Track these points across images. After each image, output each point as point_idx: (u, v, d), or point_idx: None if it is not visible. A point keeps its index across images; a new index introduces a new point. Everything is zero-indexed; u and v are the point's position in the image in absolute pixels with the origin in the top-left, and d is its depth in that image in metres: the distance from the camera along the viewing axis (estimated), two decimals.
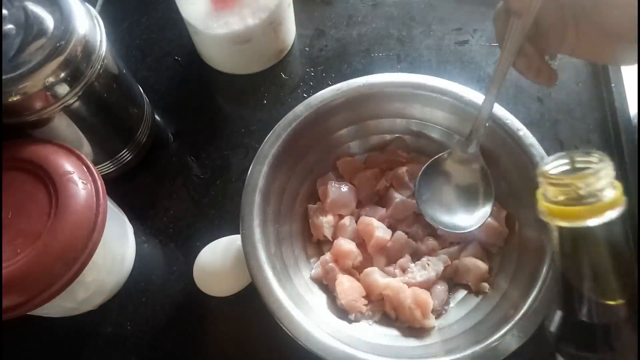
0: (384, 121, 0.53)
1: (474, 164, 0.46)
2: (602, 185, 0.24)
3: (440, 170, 0.47)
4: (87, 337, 0.50)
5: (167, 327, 0.50)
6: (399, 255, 0.49)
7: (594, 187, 0.24)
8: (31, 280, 0.38)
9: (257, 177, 0.46)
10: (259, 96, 0.62)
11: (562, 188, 0.25)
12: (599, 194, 0.24)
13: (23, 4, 0.42)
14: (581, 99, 0.60)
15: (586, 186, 0.24)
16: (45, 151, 0.43)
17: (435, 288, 0.47)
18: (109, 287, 0.50)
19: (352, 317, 0.46)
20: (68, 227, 0.40)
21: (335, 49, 0.65)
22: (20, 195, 0.41)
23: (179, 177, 0.57)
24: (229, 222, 0.54)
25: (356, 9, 0.67)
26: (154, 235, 0.54)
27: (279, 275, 0.43)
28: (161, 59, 0.65)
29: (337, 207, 0.50)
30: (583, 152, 0.26)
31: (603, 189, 0.24)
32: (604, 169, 0.24)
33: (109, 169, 0.54)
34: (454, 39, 0.65)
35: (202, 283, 0.49)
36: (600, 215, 0.24)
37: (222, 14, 0.55)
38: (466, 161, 0.46)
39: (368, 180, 0.52)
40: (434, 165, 0.47)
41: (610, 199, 0.24)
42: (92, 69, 0.44)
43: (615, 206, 0.24)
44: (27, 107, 0.42)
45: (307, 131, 0.49)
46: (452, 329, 0.45)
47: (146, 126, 0.56)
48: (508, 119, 0.47)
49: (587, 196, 0.24)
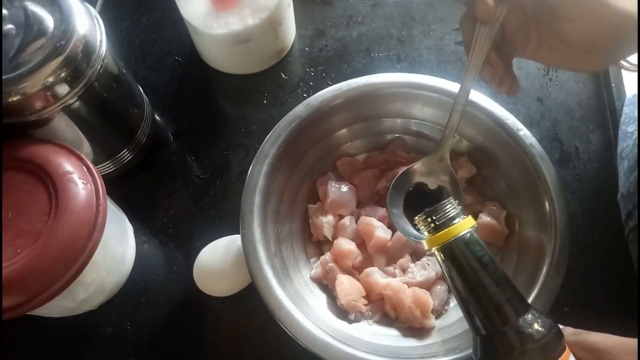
0: (384, 121, 0.53)
1: (442, 176, 0.46)
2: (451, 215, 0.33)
3: (410, 182, 0.47)
4: (87, 337, 0.50)
5: (167, 327, 0.50)
6: (399, 255, 0.49)
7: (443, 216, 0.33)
8: (31, 280, 0.38)
9: (257, 177, 0.46)
10: (259, 96, 0.62)
11: (423, 224, 0.34)
12: (450, 222, 0.32)
13: (23, 4, 0.42)
14: (581, 99, 0.60)
15: (437, 216, 0.33)
16: (45, 151, 0.43)
17: (435, 288, 0.47)
18: (109, 287, 0.50)
19: (352, 317, 0.46)
20: (68, 227, 0.40)
21: (335, 49, 0.65)
22: (20, 195, 0.41)
23: (179, 177, 0.57)
24: (229, 222, 0.54)
25: (356, 9, 0.67)
26: (154, 235, 0.54)
27: (279, 275, 0.43)
28: (161, 59, 0.65)
29: (337, 207, 0.50)
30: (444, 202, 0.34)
31: (453, 218, 0.32)
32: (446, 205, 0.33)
33: (109, 169, 0.54)
34: (454, 39, 0.65)
35: (202, 283, 0.49)
36: (454, 235, 0.32)
37: (222, 14, 0.55)
38: (435, 173, 0.46)
39: (368, 180, 0.52)
40: (404, 178, 0.47)
41: (458, 224, 0.32)
42: (92, 69, 0.44)
43: (463, 228, 0.32)
44: (27, 107, 0.42)
45: (307, 131, 0.49)
46: (452, 329, 0.45)
47: (146, 126, 0.56)
48: (508, 119, 0.47)
49: (441, 226, 0.33)
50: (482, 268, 0.32)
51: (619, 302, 0.49)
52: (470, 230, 0.33)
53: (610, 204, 0.53)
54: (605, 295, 0.50)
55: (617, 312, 0.48)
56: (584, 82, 0.61)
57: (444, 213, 0.33)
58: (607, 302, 0.50)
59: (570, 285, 0.43)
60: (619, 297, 0.49)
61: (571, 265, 0.43)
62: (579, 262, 0.51)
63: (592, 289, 0.50)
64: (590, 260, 0.51)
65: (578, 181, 0.56)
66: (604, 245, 0.52)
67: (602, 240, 0.52)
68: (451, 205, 0.33)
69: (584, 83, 0.61)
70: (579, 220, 0.53)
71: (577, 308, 0.49)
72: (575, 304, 0.49)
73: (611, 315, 0.48)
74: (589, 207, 0.54)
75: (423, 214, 0.34)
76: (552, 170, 0.45)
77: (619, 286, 0.50)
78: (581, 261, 0.51)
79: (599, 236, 0.53)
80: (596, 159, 0.57)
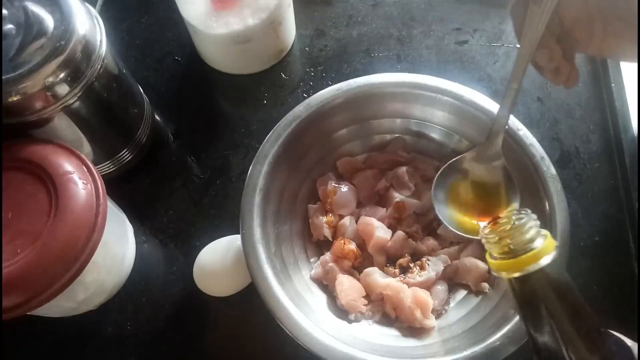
0: (384, 121, 0.53)
1: (496, 162, 0.42)
2: (530, 237, 0.27)
3: (459, 169, 0.43)
4: (87, 337, 0.50)
5: (167, 327, 0.50)
6: (399, 255, 0.49)
7: (521, 240, 0.27)
8: (31, 280, 0.38)
9: (257, 177, 0.46)
10: (259, 96, 0.62)
11: (495, 245, 0.28)
12: (528, 245, 0.27)
13: (23, 4, 0.42)
14: (581, 99, 0.60)
15: (514, 240, 0.27)
16: (45, 151, 0.43)
17: (435, 288, 0.47)
18: (109, 287, 0.50)
19: (352, 317, 0.46)
20: (68, 227, 0.40)
21: (335, 49, 0.65)
22: (20, 195, 0.41)
23: (179, 177, 0.57)
24: (229, 222, 0.54)
25: (356, 9, 0.67)
26: (154, 235, 0.54)
27: (278, 275, 0.43)
28: (161, 59, 0.65)
29: (337, 207, 0.50)
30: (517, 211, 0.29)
31: (532, 240, 0.27)
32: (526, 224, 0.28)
33: (109, 169, 0.54)
34: (454, 39, 0.65)
35: (202, 283, 0.49)
36: (533, 263, 0.27)
37: (222, 14, 0.55)
38: (488, 159, 0.42)
39: (368, 180, 0.52)
40: (451, 169, 0.44)
41: (539, 248, 0.27)
42: (92, 69, 0.44)
43: (544, 253, 0.27)
44: (27, 107, 0.42)
45: (307, 131, 0.49)
46: (452, 329, 0.45)
47: (146, 126, 0.56)
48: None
49: (518, 249, 0.27)
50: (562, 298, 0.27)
51: (619, 302, 0.49)
52: (554, 254, 0.27)
53: (610, 204, 0.53)
54: (605, 295, 0.50)
55: (617, 312, 0.48)
56: (584, 82, 0.61)
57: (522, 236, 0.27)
58: (607, 302, 0.50)
59: None
60: (619, 297, 0.49)
61: (571, 266, 0.43)
62: (579, 262, 0.51)
63: (592, 289, 0.50)
64: (590, 260, 0.51)
65: (578, 181, 0.56)
66: (604, 245, 0.52)
67: (602, 240, 0.52)
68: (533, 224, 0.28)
69: (584, 83, 0.61)
70: (579, 220, 0.53)
71: None
72: None
73: (611, 315, 0.48)
74: (589, 207, 0.54)
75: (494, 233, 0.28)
76: (552, 170, 0.45)
77: (619, 286, 0.50)
78: (581, 261, 0.51)
79: (599, 236, 0.53)
80: (596, 159, 0.57)
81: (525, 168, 0.46)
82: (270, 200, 0.47)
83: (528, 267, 0.27)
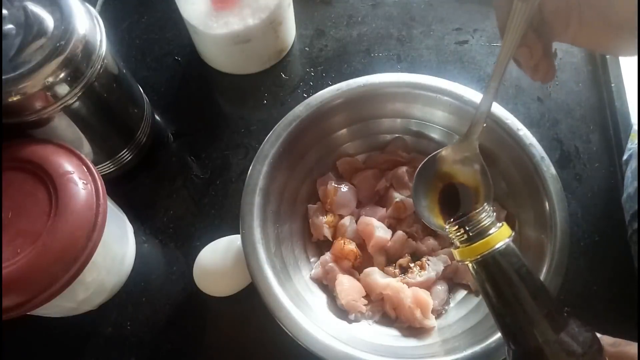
0: (384, 121, 0.53)
1: (473, 165, 0.43)
2: (484, 225, 0.31)
3: (436, 170, 0.43)
4: (87, 337, 0.50)
5: (167, 327, 0.50)
6: (399, 255, 0.49)
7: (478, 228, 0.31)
8: (31, 280, 0.38)
9: (257, 177, 0.46)
10: (259, 96, 0.62)
11: (455, 234, 0.32)
12: (484, 232, 0.31)
13: (23, 4, 0.42)
14: (581, 99, 0.60)
15: (470, 229, 0.31)
16: (45, 151, 0.43)
17: (435, 288, 0.47)
18: (109, 287, 0.50)
19: (352, 317, 0.46)
20: (68, 227, 0.40)
21: (335, 49, 0.65)
22: (20, 195, 0.41)
23: (179, 177, 0.57)
24: (229, 222, 0.54)
25: (356, 9, 0.67)
26: (154, 235, 0.54)
27: (278, 275, 0.43)
28: (161, 59, 0.65)
29: (337, 207, 0.50)
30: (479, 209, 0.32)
31: (487, 229, 0.31)
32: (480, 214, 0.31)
33: (109, 169, 0.54)
34: (454, 39, 0.65)
35: (202, 283, 0.49)
36: (489, 248, 0.30)
37: (222, 14, 0.55)
38: (465, 160, 0.43)
39: (368, 180, 0.52)
40: (430, 165, 0.44)
41: (492, 234, 0.31)
42: (92, 69, 0.44)
43: (498, 239, 0.30)
44: (27, 107, 0.42)
45: (307, 131, 0.49)
46: (452, 329, 0.45)
47: (146, 126, 0.56)
48: (508, 119, 0.47)
49: (475, 237, 0.31)
50: (519, 280, 0.30)
51: (619, 302, 0.49)
52: (507, 241, 0.30)
53: (610, 204, 0.53)
54: (605, 295, 0.50)
55: (617, 312, 0.48)
56: (584, 82, 0.61)
57: (478, 223, 0.30)
58: (607, 302, 0.50)
59: (570, 285, 0.43)
60: (619, 297, 0.49)
61: (571, 266, 0.43)
62: (579, 262, 0.51)
63: (592, 289, 0.50)
64: (590, 260, 0.51)
65: (578, 181, 0.56)
66: (604, 245, 0.52)
67: (602, 240, 0.52)
68: (486, 214, 0.31)
69: (584, 83, 0.61)
70: (579, 220, 0.53)
71: (577, 308, 0.49)
72: (575, 304, 0.49)
73: (611, 316, 0.48)
74: (589, 207, 0.54)
75: (455, 223, 0.31)
76: (552, 170, 0.45)
77: (619, 286, 0.50)
78: (581, 261, 0.51)
79: (599, 236, 0.53)
80: (596, 159, 0.57)
81: (525, 168, 0.46)
82: (270, 200, 0.47)
83: (484, 252, 0.30)
